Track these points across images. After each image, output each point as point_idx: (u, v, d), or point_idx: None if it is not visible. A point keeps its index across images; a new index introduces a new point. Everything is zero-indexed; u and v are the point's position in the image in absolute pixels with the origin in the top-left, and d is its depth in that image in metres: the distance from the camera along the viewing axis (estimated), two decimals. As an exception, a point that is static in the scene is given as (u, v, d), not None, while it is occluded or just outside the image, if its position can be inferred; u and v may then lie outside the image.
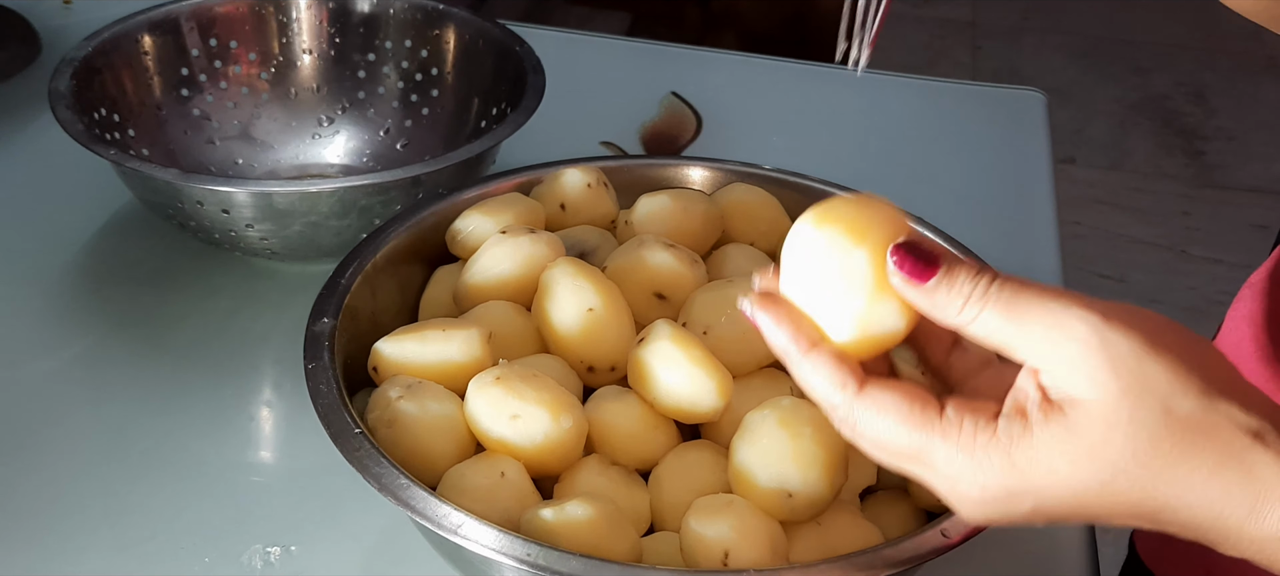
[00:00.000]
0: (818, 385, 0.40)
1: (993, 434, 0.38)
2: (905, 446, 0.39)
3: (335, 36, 0.84)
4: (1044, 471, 0.37)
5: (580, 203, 0.64)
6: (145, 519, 0.59)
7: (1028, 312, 0.37)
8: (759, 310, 0.41)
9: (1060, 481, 0.37)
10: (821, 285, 0.41)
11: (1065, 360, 0.37)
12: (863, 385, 0.40)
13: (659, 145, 0.89)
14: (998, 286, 0.38)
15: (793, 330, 0.41)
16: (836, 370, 0.40)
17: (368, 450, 0.50)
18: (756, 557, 0.48)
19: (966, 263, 0.39)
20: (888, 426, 0.39)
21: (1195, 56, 2.61)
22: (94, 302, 0.73)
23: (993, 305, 0.38)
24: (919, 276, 0.38)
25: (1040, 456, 0.37)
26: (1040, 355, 0.38)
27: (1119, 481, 0.37)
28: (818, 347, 0.40)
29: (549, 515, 0.48)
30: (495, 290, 0.59)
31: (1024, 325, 0.37)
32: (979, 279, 0.38)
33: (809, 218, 0.41)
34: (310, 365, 0.54)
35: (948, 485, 0.39)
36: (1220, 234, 2.15)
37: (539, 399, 0.51)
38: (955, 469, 0.38)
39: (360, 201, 0.68)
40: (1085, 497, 0.38)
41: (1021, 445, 0.38)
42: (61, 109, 0.71)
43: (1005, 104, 0.97)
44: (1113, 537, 0.89)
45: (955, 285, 0.38)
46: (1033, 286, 0.38)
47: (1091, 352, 0.37)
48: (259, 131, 0.83)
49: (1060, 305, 0.37)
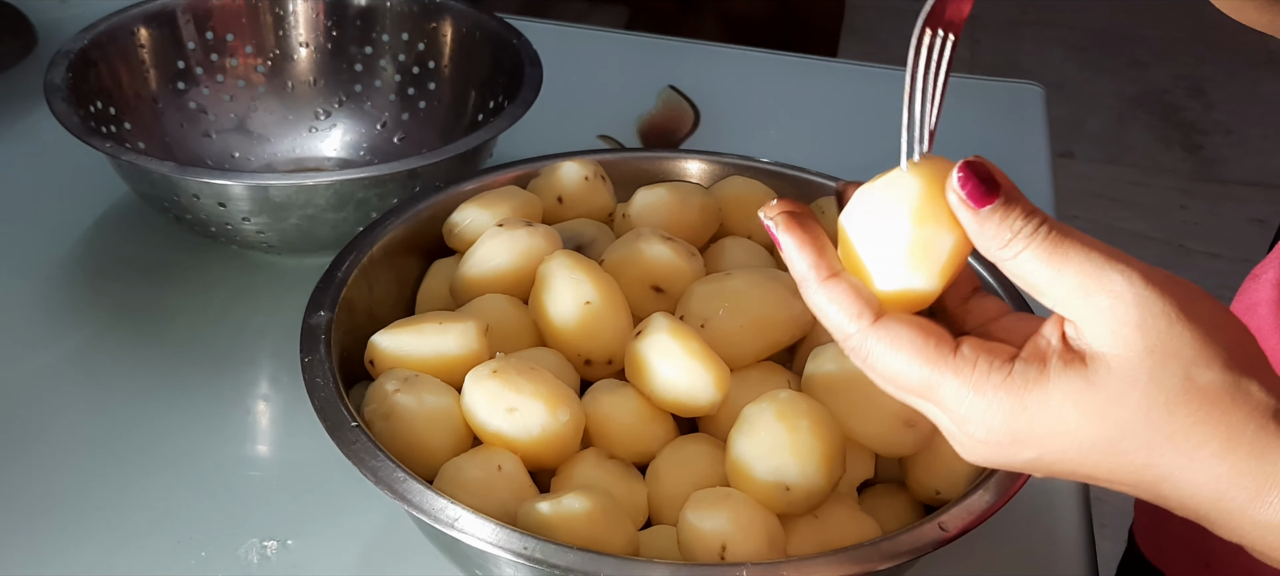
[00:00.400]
0: (832, 313, 0.40)
1: (1007, 375, 0.38)
2: (916, 380, 0.39)
3: (332, 29, 0.84)
4: (1053, 420, 0.37)
5: (577, 195, 0.64)
6: (141, 513, 0.59)
7: (1068, 259, 0.37)
8: (782, 229, 0.41)
9: (1068, 432, 0.38)
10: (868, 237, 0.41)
11: (1095, 312, 0.37)
12: (877, 316, 0.39)
13: (656, 138, 0.89)
14: (1046, 228, 0.38)
15: (815, 256, 0.40)
16: (852, 299, 0.40)
17: (364, 443, 0.50)
18: (754, 550, 0.48)
19: (1024, 200, 0.38)
20: (900, 360, 0.39)
21: (1194, 50, 2.61)
22: (90, 296, 0.73)
23: (1037, 246, 0.38)
24: (978, 200, 0.38)
25: (1052, 404, 0.37)
26: (1072, 303, 0.38)
27: (1126, 442, 0.37)
28: (837, 276, 0.40)
29: (546, 508, 0.48)
30: (492, 283, 0.59)
31: (1063, 271, 0.37)
32: (1031, 219, 0.38)
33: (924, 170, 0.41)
34: (307, 358, 0.53)
35: (954, 422, 0.39)
36: (1218, 228, 2.15)
37: (536, 392, 0.51)
38: (964, 407, 0.38)
39: (357, 194, 0.67)
40: (1090, 453, 0.38)
41: (1035, 391, 0.38)
42: (57, 101, 0.70)
43: (1004, 98, 0.97)
44: (1110, 532, 0.89)
45: (1008, 218, 0.38)
46: (1079, 236, 0.38)
47: (1123, 308, 0.37)
48: (255, 125, 0.83)
49: (1102, 258, 0.37)
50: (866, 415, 0.52)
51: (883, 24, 2.51)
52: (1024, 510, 0.59)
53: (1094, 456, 0.38)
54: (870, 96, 0.96)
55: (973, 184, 0.38)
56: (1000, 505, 0.49)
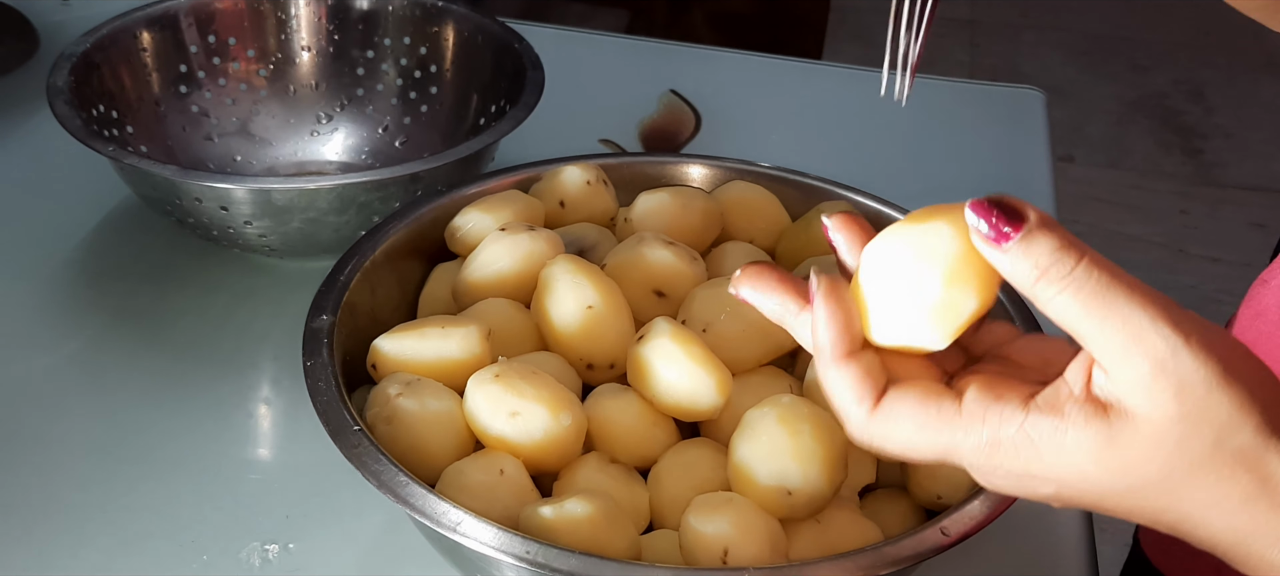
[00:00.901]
0: (844, 392, 0.39)
1: (1018, 427, 0.37)
2: (929, 448, 0.38)
3: (334, 33, 0.84)
4: (1071, 469, 0.37)
5: (579, 200, 0.64)
6: (143, 516, 0.59)
7: (1110, 313, 0.35)
8: (825, 299, 0.39)
9: (1087, 481, 0.37)
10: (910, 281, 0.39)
11: (1135, 373, 0.36)
12: (878, 398, 0.39)
13: (658, 143, 0.89)
14: (1085, 270, 0.35)
15: (841, 331, 0.39)
16: (860, 383, 0.39)
17: (366, 447, 0.50)
18: (756, 555, 0.48)
19: (1058, 231, 0.35)
20: (908, 432, 0.38)
21: (1194, 55, 2.61)
22: (91, 299, 0.73)
23: (1075, 291, 0.35)
24: (1000, 236, 0.36)
25: (1067, 458, 0.37)
26: (1110, 358, 0.36)
27: (1146, 492, 0.37)
28: (853, 356, 0.39)
29: (548, 512, 0.48)
30: (494, 287, 0.59)
31: (1105, 324, 0.35)
32: (1066, 255, 0.35)
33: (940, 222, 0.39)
34: (309, 362, 0.53)
35: (974, 468, 0.39)
36: (1218, 232, 2.15)
37: (538, 396, 0.51)
38: (981, 458, 0.38)
39: (359, 198, 0.67)
40: (1107, 498, 0.38)
41: (1051, 443, 0.37)
42: (60, 104, 0.70)
43: (1005, 102, 0.97)
44: (1111, 536, 0.89)
45: (1032, 251, 0.35)
46: (1123, 281, 0.35)
47: (1162, 373, 0.35)
48: (257, 128, 0.83)
49: (1146, 317, 0.35)
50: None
51: (879, 26, 2.50)
52: (1025, 515, 0.59)
53: (1110, 499, 0.38)
54: (870, 101, 0.96)
55: (990, 216, 0.36)
56: (1001, 510, 0.49)
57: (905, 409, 0.38)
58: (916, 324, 0.39)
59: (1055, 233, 0.36)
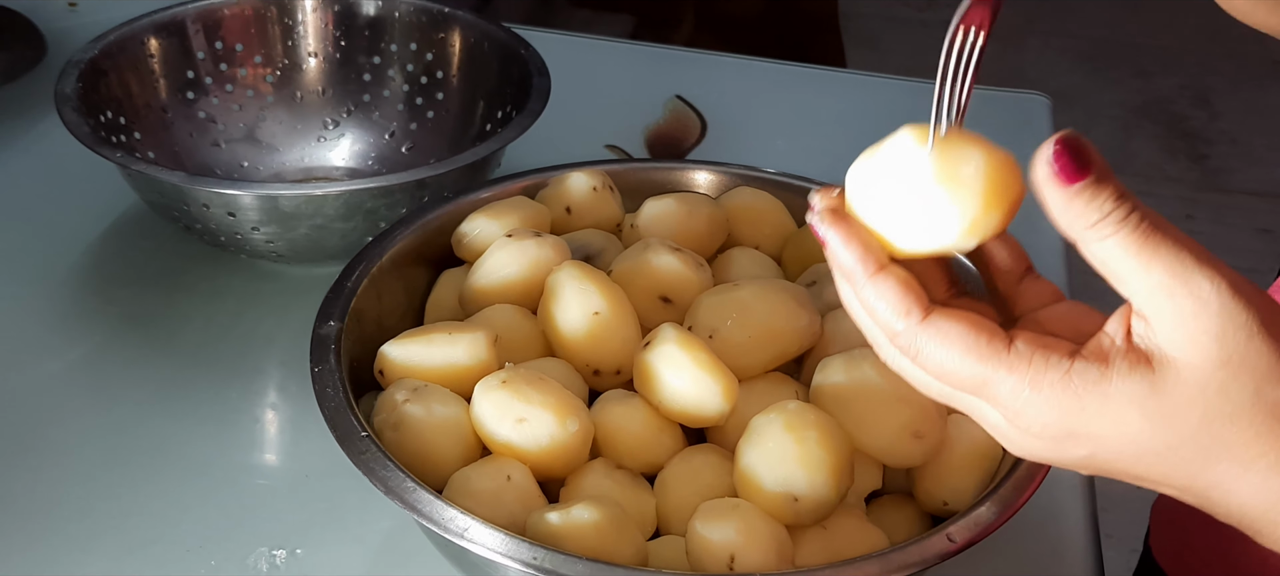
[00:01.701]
0: (881, 309, 0.39)
1: (1065, 372, 0.37)
2: (969, 376, 0.38)
3: (340, 39, 0.84)
4: (1112, 421, 0.37)
5: (585, 206, 0.64)
6: (151, 521, 0.59)
7: (1157, 254, 0.36)
8: (828, 226, 0.40)
9: (1127, 435, 0.37)
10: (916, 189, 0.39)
11: (1177, 314, 0.36)
12: (928, 313, 0.38)
13: (663, 148, 0.89)
14: (1138, 216, 0.36)
15: (863, 249, 0.39)
16: (903, 296, 0.38)
17: (374, 453, 0.50)
18: (762, 561, 0.48)
19: (1116, 181, 0.36)
20: (952, 356, 0.38)
21: (1199, 60, 2.61)
22: (99, 305, 0.73)
23: (1126, 234, 0.36)
24: (1068, 176, 0.36)
25: (1112, 406, 0.37)
26: (1153, 301, 0.36)
27: (1185, 449, 0.37)
28: (885, 270, 0.39)
29: (555, 518, 0.48)
30: (501, 293, 0.59)
31: (1150, 267, 0.36)
32: (1121, 203, 0.36)
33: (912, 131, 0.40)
34: (317, 368, 0.54)
35: (1006, 417, 0.38)
36: (1224, 237, 2.15)
37: (545, 402, 0.51)
38: (1019, 402, 0.38)
39: (366, 204, 0.68)
40: (1145, 456, 0.37)
41: (1095, 391, 0.37)
42: (67, 111, 0.71)
43: (1009, 108, 0.97)
44: (1117, 541, 0.89)
45: (1099, 198, 0.36)
46: (1171, 231, 0.36)
47: (1207, 315, 0.35)
48: (264, 134, 0.83)
49: (1192, 259, 0.36)
50: (874, 426, 0.52)
51: (887, 33, 2.51)
52: (1031, 521, 0.59)
53: (1148, 458, 0.37)
54: (876, 106, 0.97)
55: (1065, 159, 0.36)
56: (1007, 516, 0.49)
57: (955, 329, 0.38)
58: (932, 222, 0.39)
59: (1114, 179, 0.36)
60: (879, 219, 0.40)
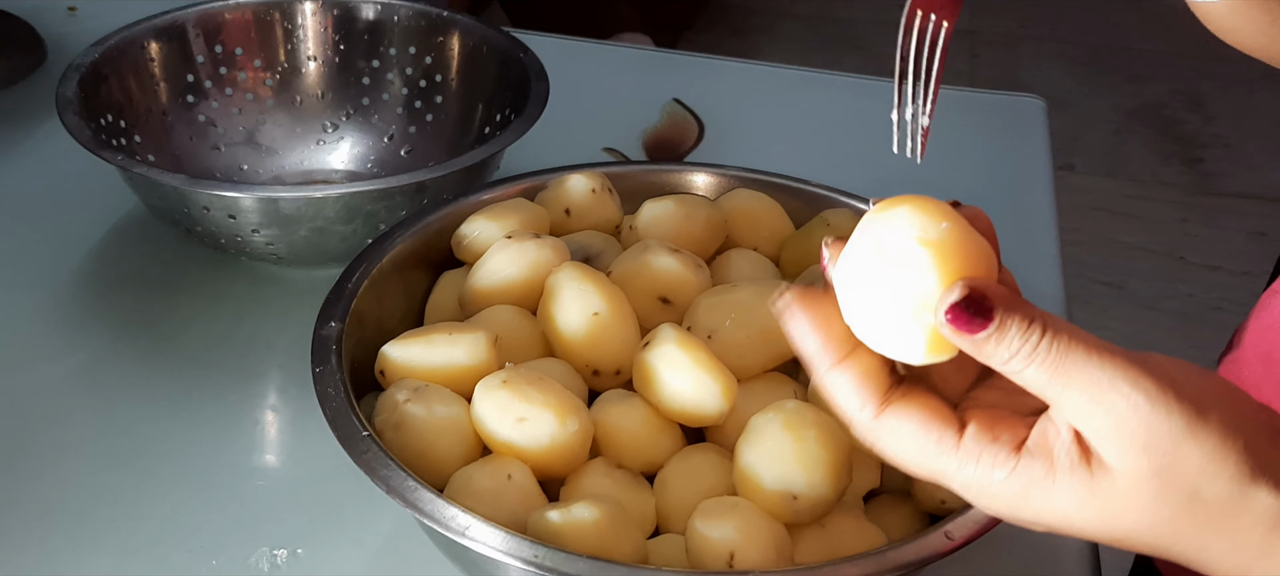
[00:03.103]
0: (842, 400, 0.40)
1: (1011, 471, 0.38)
2: (923, 467, 0.39)
3: (340, 43, 0.84)
4: (1059, 516, 0.38)
5: (585, 208, 0.65)
6: (152, 523, 0.60)
7: (1073, 376, 0.36)
8: (793, 313, 0.40)
9: (1075, 526, 0.38)
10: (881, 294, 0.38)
11: (1104, 427, 0.36)
12: (882, 408, 0.39)
13: (661, 152, 0.89)
14: (1048, 342, 0.36)
15: (823, 341, 0.40)
16: (859, 390, 0.39)
17: (375, 453, 0.50)
18: (761, 559, 0.48)
19: (1019, 312, 0.37)
20: (906, 449, 0.39)
21: (1192, 64, 2.62)
22: (100, 308, 0.73)
23: (1039, 363, 0.37)
24: (970, 330, 0.37)
25: (1056, 503, 0.38)
26: (1080, 416, 0.37)
27: (1133, 539, 0.38)
28: (844, 363, 0.39)
29: (555, 517, 0.49)
30: (501, 294, 0.59)
31: (1067, 389, 0.36)
32: (1029, 333, 0.36)
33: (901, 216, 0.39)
34: (318, 369, 0.54)
35: (965, 493, 0.39)
36: (1218, 241, 2.15)
37: (545, 401, 0.52)
38: (972, 494, 0.39)
39: (366, 207, 0.68)
40: (1098, 539, 0.39)
41: (1040, 489, 0.38)
42: (68, 114, 0.71)
43: (1005, 111, 0.98)
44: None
45: (1005, 340, 0.37)
46: (1084, 344, 0.36)
47: (1127, 429, 0.36)
48: (264, 138, 0.84)
49: (1107, 374, 0.36)
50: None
51: (882, 38, 2.52)
52: (1027, 520, 0.60)
53: (1103, 540, 0.39)
54: (872, 109, 0.97)
55: (964, 318, 0.37)
56: (1005, 514, 0.50)
57: (907, 427, 0.39)
58: (894, 338, 0.39)
59: (1018, 313, 0.37)
60: (850, 312, 0.39)
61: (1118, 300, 1.97)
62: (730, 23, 2.62)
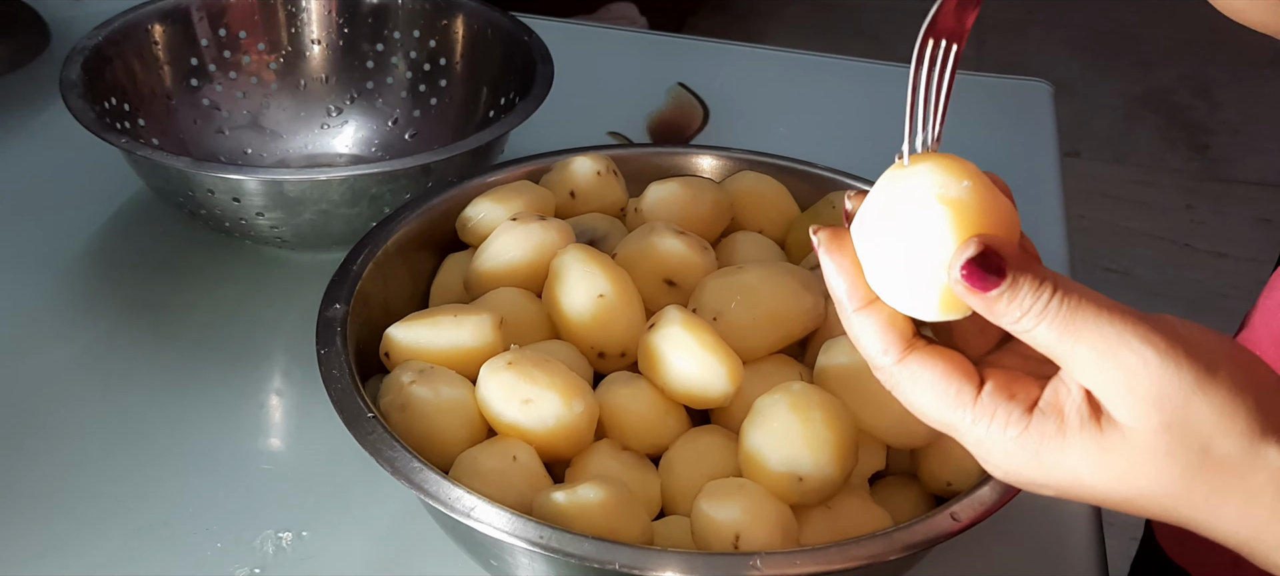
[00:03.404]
0: (863, 342, 0.40)
1: (1024, 429, 0.38)
2: (938, 419, 0.39)
3: (344, 27, 0.84)
4: (1068, 475, 0.38)
5: (590, 190, 0.65)
6: (157, 505, 0.60)
7: (1083, 333, 0.36)
8: (826, 253, 0.40)
9: (1084, 486, 0.38)
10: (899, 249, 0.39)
11: (1114, 384, 0.36)
12: (905, 354, 0.39)
13: (666, 136, 0.89)
14: (1058, 301, 0.37)
15: (850, 283, 0.40)
16: (883, 334, 0.39)
17: (381, 434, 0.50)
18: (767, 540, 0.48)
19: (1031, 272, 0.37)
20: (924, 398, 0.39)
21: (1200, 51, 2.61)
22: (105, 291, 0.73)
23: (1049, 321, 0.37)
24: (983, 287, 0.37)
25: (1067, 461, 0.37)
26: (1089, 374, 0.37)
27: (1143, 501, 0.37)
28: (870, 307, 0.40)
29: (561, 498, 0.49)
30: (506, 276, 0.59)
31: (1077, 346, 0.37)
32: (1040, 292, 0.37)
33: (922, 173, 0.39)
34: (323, 350, 0.54)
35: (976, 451, 0.39)
36: (1224, 227, 2.15)
37: (551, 383, 0.52)
38: (984, 449, 0.39)
39: (371, 189, 0.68)
40: (1110, 502, 0.38)
41: (1051, 446, 0.37)
42: (73, 98, 0.71)
43: (1011, 95, 0.98)
44: (1118, 529, 0.89)
45: (1017, 298, 0.37)
46: (1095, 303, 0.37)
47: (1138, 384, 0.36)
48: (268, 121, 0.84)
49: (1116, 330, 0.36)
50: (878, 407, 0.52)
51: (888, 24, 2.51)
52: (1034, 502, 0.59)
53: (1114, 503, 0.38)
54: (876, 94, 0.97)
55: (977, 275, 0.37)
56: (1012, 496, 0.49)
57: (927, 376, 0.39)
58: (908, 294, 0.39)
59: (1030, 273, 0.37)
60: (867, 266, 0.40)
61: (1124, 287, 1.97)
62: (735, 7, 2.61)
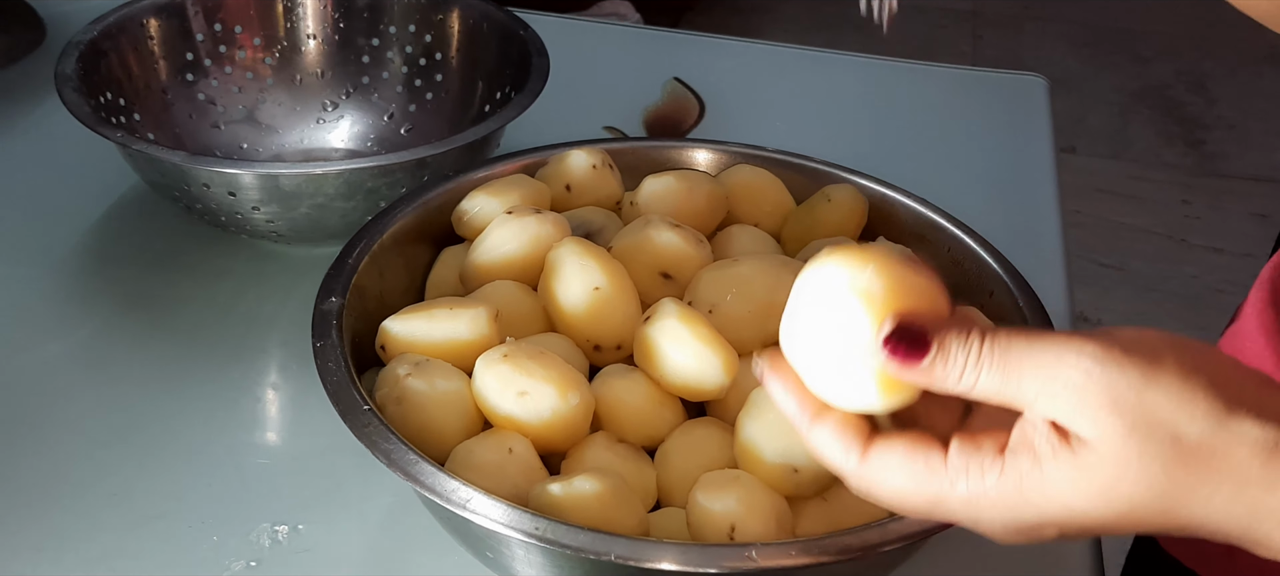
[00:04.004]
0: (829, 452, 0.40)
1: (1000, 473, 0.37)
2: (920, 504, 0.39)
3: (339, 21, 0.84)
4: (1058, 504, 0.37)
5: (586, 184, 0.65)
6: (154, 499, 0.60)
7: (1022, 366, 0.37)
8: (769, 378, 0.41)
9: (1077, 515, 0.37)
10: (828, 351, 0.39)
11: (1065, 405, 0.36)
12: (866, 450, 0.39)
13: (662, 130, 0.89)
14: (989, 347, 0.37)
15: (798, 400, 0.40)
16: (841, 437, 0.39)
17: (376, 426, 0.50)
18: (762, 531, 0.48)
19: (954, 329, 0.37)
20: (898, 481, 0.39)
21: (1196, 46, 2.61)
22: (101, 285, 0.73)
23: (988, 368, 0.37)
24: (911, 360, 0.37)
25: (1051, 492, 0.37)
26: (1041, 405, 0.37)
27: (1138, 512, 0.37)
28: (823, 415, 0.40)
29: (557, 490, 0.49)
30: (501, 270, 0.59)
31: (1022, 382, 0.37)
32: (969, 344, 0.37)
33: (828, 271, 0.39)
34: (319, 343, 0.54)
35: (969, 517, 0.39)
36: (1220, 223, 2.15)
37: (546, 376, 0.52)
38: (973, 512, 0.38)
39: (366, 183, 0.68)
40: (1107, 524, 0.38)
41: (1032, 482, 0.37)
42: (68, 92, 0.71)
43: (1007, 89, 0.98)
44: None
45: (949, 359, 0.37)
46: (1024, 336, 0.37)
47: (1088, 396, 0.36)
48: (264, 116, 0.84)
49: (1052, 352, 0.36)
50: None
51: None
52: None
53: (1112, 524, 0.38)
54: (872, 88, 0.97)
55: (902, 351, 0.37)
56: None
57: (893, 459, 0.39)
58: (849, 390, 0.39)
59: (953, 330, 0.37)
60: (807, 377, 0.40)
61: (1119, 282, 1.97)
62: (731, 2, 2.61)
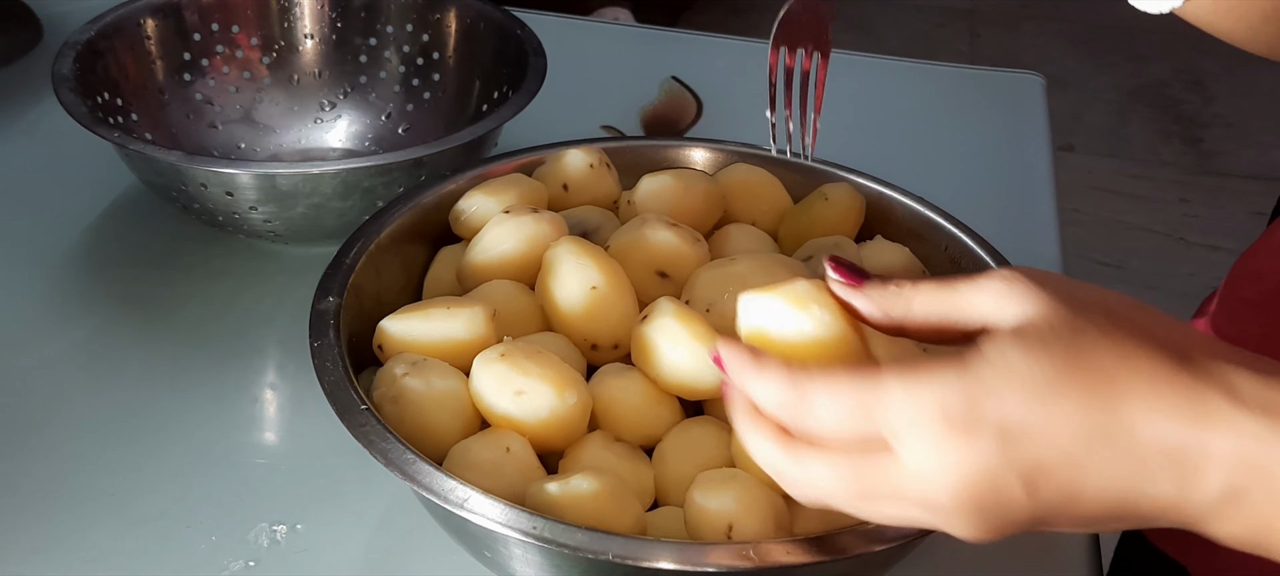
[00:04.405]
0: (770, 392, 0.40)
1: (938, 354, 0.38)
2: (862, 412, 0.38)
3: (336, 21, 0.84)
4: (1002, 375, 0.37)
5: (582, 183, 0.65)
6: (152, 499, 0.60)
7: (954, 284, 0.41)
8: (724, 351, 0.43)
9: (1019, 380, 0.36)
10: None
11: (997, 294, 0.39)
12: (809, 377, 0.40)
13: (659, 129, 0.89)
14: (927, 280, 0.42)
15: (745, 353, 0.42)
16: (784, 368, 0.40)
17: (374, 426, 0.50)
18: (760, 530, 0.48)
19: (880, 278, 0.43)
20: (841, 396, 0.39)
21: (1193, 44, 2.61)
22: (98, 286, 0.73)
23: (924, 291, 0.41)
24: (856, 281, 0.43)
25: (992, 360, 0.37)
26: (975, 305, 0.40)
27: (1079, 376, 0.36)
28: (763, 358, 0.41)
29: (554, 489, 0.49)
30: (498, 269, 0.59)
31: (956, 291, 0.41)
32: (904, 280, 0.42)
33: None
34: (316, 343, 0.54)
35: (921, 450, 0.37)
36: (1218, 220, 2.15)
37: (543, 375, 0.52)
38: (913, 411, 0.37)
39: (363, 183, 0.68)
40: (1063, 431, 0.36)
41: (971, 355, 0.37)
42: (65, 92, 0.71)
43: (1004, 88, 0.98)
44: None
45: (886, 286, 0.42)
46: (934, 280, 0.42)
47: (1017, 281, 0.39)
48: (261, 116, 0.84)
49: (980, 276, 0.40)
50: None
51: (881, 17, 2.51)
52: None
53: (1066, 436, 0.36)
54: (869, 87, 0.97)
55: (843, 269, 0.43)
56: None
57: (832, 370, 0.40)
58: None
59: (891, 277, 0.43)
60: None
61: (1117, 280, 1.97)
62: (729, 1, 2.61)
